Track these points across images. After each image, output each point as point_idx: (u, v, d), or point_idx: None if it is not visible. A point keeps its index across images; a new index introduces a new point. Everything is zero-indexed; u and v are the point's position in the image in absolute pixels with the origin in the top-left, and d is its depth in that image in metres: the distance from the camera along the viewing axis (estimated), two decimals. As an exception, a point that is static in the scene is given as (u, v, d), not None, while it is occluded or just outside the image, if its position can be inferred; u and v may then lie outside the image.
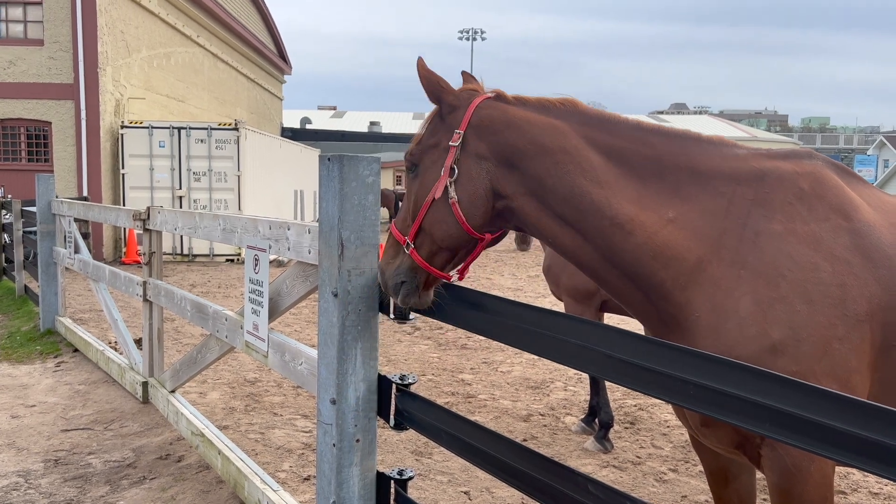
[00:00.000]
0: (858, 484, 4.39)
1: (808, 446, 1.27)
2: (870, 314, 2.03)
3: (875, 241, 2.10)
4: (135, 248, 14.96)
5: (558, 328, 1.92)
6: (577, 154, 2.19)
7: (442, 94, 2.32)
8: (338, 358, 2.50)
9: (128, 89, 16.86)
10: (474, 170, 2.24)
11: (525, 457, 2.01)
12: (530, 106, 2.30)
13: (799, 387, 1.30)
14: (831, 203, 2.12)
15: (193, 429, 4.42)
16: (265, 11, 29.86)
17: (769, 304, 2.01)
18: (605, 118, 2.27)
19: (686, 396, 1.49)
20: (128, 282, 5.66)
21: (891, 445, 1.15)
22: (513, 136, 2.24)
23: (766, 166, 2.18)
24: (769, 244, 2.06)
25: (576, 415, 5.62)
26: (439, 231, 2.25)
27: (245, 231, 3.48)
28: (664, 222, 2.13)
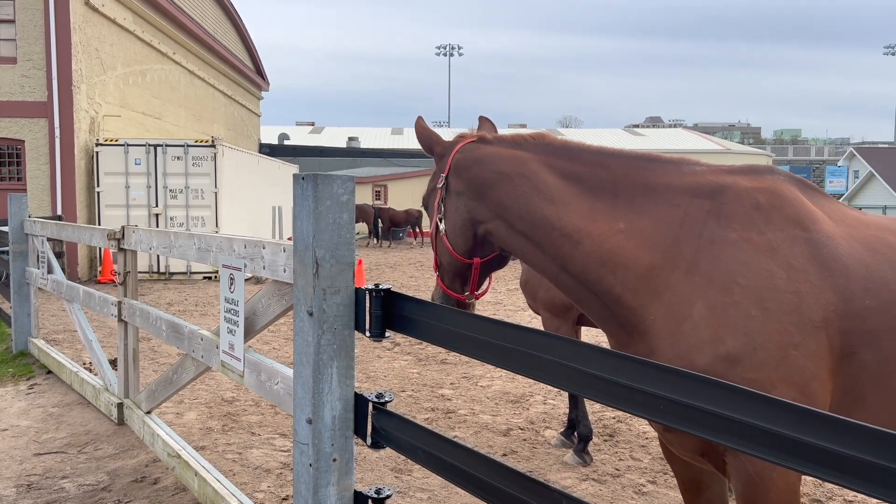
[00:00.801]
0: (833, 493, 4.44)
1: (771, 458, 1.29)
2: (826, 321, 2.07)
3: (832, 252, 2.15)
4: (110, 266, 14.79)
5: (533, 345, 1.93)
6: (533, 177, 2.46)
7: (433, 147, 2.76)
8: (313, 377, 2.49)
9: (103, 107, 16.73)
10: (455, 205, 2.62)
11: (501, 473, 2.02)
12: (504, 143, 2.62)
13: (764, 400, 1.32)
14: (788, 215, 2.19)
15: (170, 450, 4.36)
16: (242, 28, 29.85)
17: (722, 309, 2.07)
18: (568, 146, 2.53)
19: (656, 411, 1.51)
20: (102, 302, 5.60)
21: (850, 455, 1.18)
22: (479, 170, 2.57)
23: (724, 181, 2.27)
24: (724, 251, 2.14)
25: (555, 428, 5.63)
26: (443, 260, 2.71)
27: (220, 250, 3.47)
28: (613, 232, 2.30)
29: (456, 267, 2.68)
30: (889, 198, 44.71)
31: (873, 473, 1.15)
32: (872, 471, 1.15)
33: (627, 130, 61.49)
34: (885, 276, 2.14)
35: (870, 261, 2.16)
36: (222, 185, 16.09)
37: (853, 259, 2.15)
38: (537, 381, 7.06)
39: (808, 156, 66.94)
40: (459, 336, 2.21)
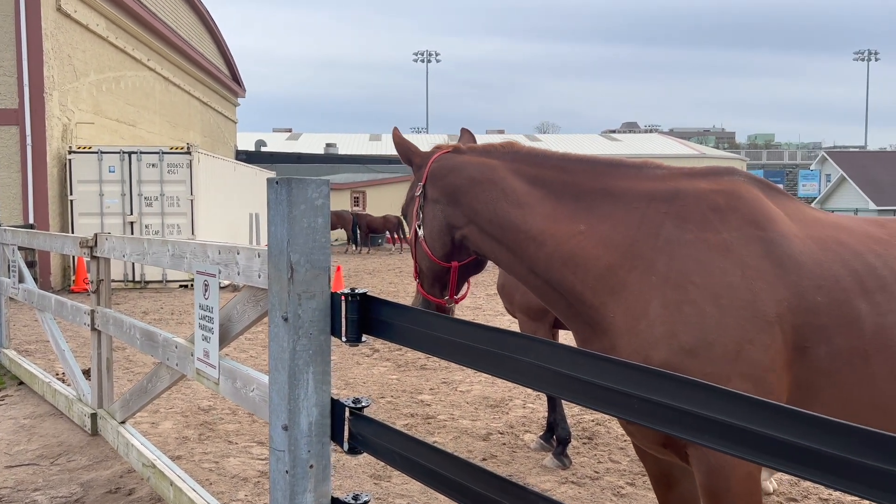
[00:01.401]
0: (809, 491, 4.49)
1: (731, 450, 1.31)
2: (780, 316, 2.14)
3: (787, 250, 2.22)
4: (84, 276, 14.58)
5: (509, 347, 1.93)
6: (501, 182, 2.59)
7: (411, 157, 2.89)
8: (289, 383, 2.47)
9: (76, 114, 16.51)
10: (432, 212, 2.75)
11: (478, 476, 2.01)
12: (476, 151, 2.76)
13: (732, 396, 1.33)
14: (745, 215, 2.26)
15: (144, 460, 4.30)
16: (217, 34, 29.66)
17: (676, 306, 2.15)
18: (534, 153, 2.67)
19: (632, 411, 1.52)
20: (75, 311, 5.51)
21: (808, 447, 1.20)
22: (453, 178, 2.70)
23: (683, 184, 2.37)
24: (679, 251, 2.22)
25: (535, 432, 5.63)
26: (423, 265, 2.82)
27: (194, 256, 3.43)
28: (574, 234, 2.41)
29: (435, 271, 2.79)
30: (860, 201, 45.51)
31: (823, 462, 1.19)
32: (822, 459, 1.19)
33: (604, 136, 61.99)
34: (837, 274, 2.22)
35: (823, 259, 2.23)
36: (198, 192, 15.94)
37: (807, 257, 2.22)
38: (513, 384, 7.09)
39: (781, 160, 67.94)
40: (436, 339, 2.21)
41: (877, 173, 48.07)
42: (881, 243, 2.33)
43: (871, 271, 2.23)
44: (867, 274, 2.23)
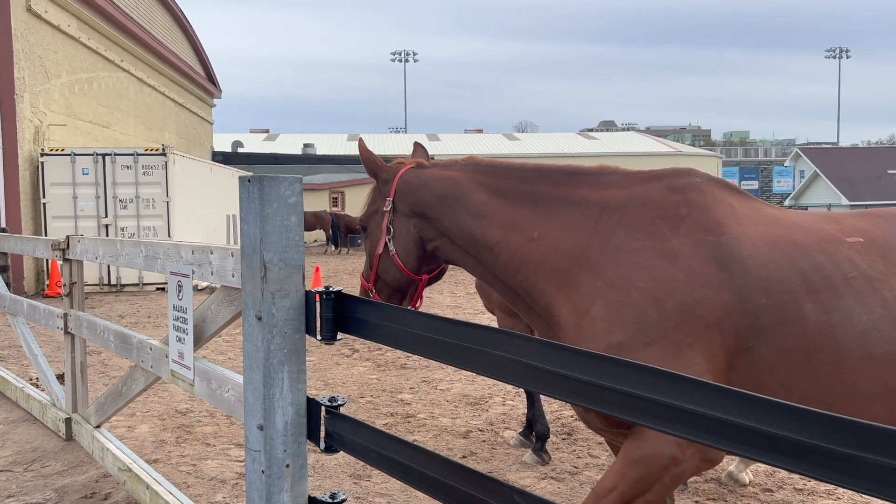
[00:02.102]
0: (784, 481, 4.55)
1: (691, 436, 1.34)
2: (720, 321, 2.23)
3: (735, 253, 2.31)
4: (58, 279, 14.37)
5: (485, 342, 1.93)
6: (463, 197, 2.73)
7: (378, 171, 2.97)
8: (264, 383, 2.45)
9: (48, 116, 16.27)
10: (404, 227, 2.85)
11: (455, 472, 2.01)
12: (439, 166, 2.88)
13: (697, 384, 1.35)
14: (696, 220, 2.36)
15: (120, 464, 4.25)
16: (192, 35, 29.38)
17: (618, 308, 2.28)
18: (495, 164, 2.81)
19: (604, 402, 1.53)
20: (48, 314, 5.43)
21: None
22: (422, 194, 2.82)
23: (636, 191, 2.48)
24: (627, 258, 2.35)
25: (514, 429, 5.65)
26: (389, 277, 2.90)
27: (167, 257, 3.40)
28: (527, 241, 2.57)
29: (402, 283, 2.90)
30: (833, 196, 46.22)
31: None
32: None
33: (581, 134, 62.31)
34: (783, 275, 2.30)
35: (770, 260, 2.32)
36: (174, 193, 15.78)
37: (754, 260, 2.31)
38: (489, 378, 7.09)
39: (756, 157, 68.78)
40: (412, 336, 2.21)
41: (849, 169, 48.85)
42: (832, 241, 2.41)
43: (819, 270, 2.32)
44: (815, 273, 2.31)
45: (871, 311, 2.27)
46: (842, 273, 2.32)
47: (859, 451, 1.12)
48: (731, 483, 4.50)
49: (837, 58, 74.30)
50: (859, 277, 2.31)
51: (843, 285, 2.30)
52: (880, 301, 2.29)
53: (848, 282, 2.30)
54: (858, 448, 1.12)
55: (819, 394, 2.24)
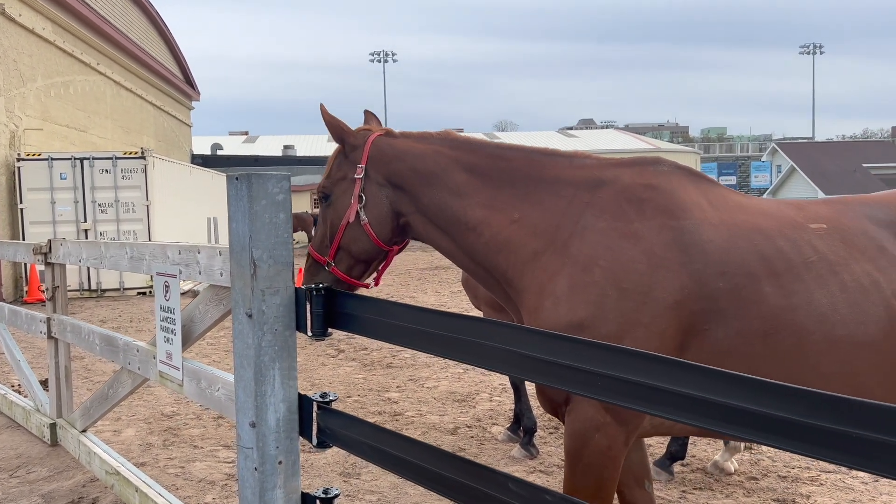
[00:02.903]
0: (768, 469, 4.63)
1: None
2: (678, 303, 2.30)
3: (695, 238, 2.37)
4: (37, 285, 14.19)
5: (476, 332, 1.95)
6: (443, 174, 2.67)
7: (344, 136, 2.79)
8: (255, 380, 2.46)
9: (23, 120, 16.05)
10: (377, 196, 2.72)
11: (448, 462, 2.03)
12: (413, 138, 2.79)
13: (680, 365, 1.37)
14: (660, 205, 2.43)
15: (108, 468, 4.22)
16: (169, 37, 29.12)
17: (582, 286, 2.34)
18: (471, 142, 2.76)
19: (594, 387, 1.55)
20: (30, 319, 5.38)
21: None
22: (398, 166, 2.71)
23: (607, 174, 2.54)
24: (592, 238, 2.41)
25: (502, 424, 5.68)
26: (356, 248, 2.73)
27: (154, 258, 3.38)
28: (508, 223, 2.57)
29: (370, 254, 2.76)
30: (810, 190, 46.83)
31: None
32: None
33: (561, 132, 62.59)
34: (743, 259, 2.37)
35: (730, 245, 2.38)
36: (154, 197, 15.64)
37: (714, 245, 2.38)
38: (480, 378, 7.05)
39: (733, 152, 69.47)
40: (402, 328, 2.22)
41: (824, 163, 49.52)
42: (795, 227, 2.49)
43: (780, 254, 2.39)
44: (776, 257, 2.38)
45: (831, 295, 2.35)
46: (803, 257, 2.39)
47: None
48: (716, 472, 4.56)
49: (811, 54, 75.25)
50: (820, 262, 2.39)
51: (804, 269, 2.37)
52: (840, 285, 2.37)
53: (808, 266, 2.38)
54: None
55: (780, 376, 2.28)
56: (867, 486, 4.31)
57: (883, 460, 0.99)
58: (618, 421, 2.27)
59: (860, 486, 4.33)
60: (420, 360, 8.11)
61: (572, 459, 2.34)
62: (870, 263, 2.43)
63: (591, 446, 2.29)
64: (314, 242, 2.83)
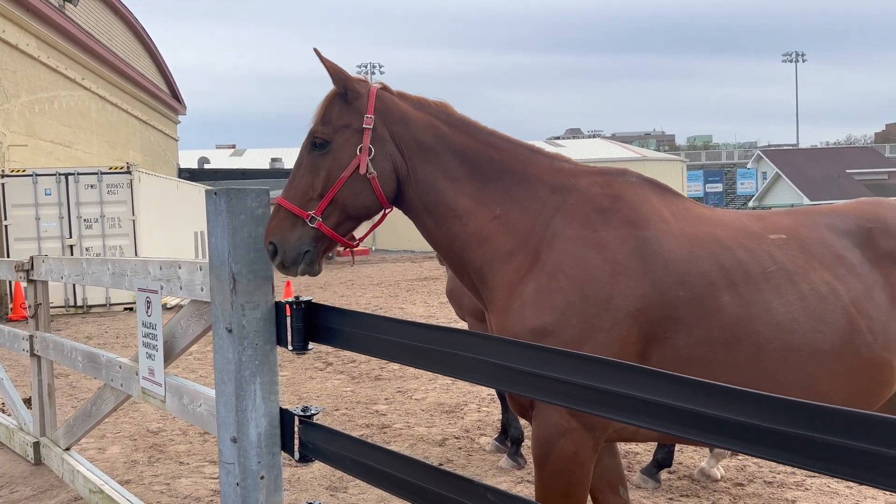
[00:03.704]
0: (754, 475, 4.64)
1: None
2: (639, 311, 2.35)
3: (657, 248, 2.43)
4: (21, 302, 14.06)
5: (454, 344, 1.96)
6: (440, 152, 2.59)
7: (348, 82, 2.57)
8: (236, 395, 2.45)
9: (7, 136, 15.96)
10: (383, 150, 2.56)
11: (428, 474, 2.03)
12: (410, 101, 2.65)
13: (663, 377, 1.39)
14: (625, 216, 2.49)
15: (91, 486, 4.18)
16: (154, 51, 29.08)
17: (548, 292, 2.38)
18: (466, 122, 2.68)
19: (569, 397, 1.56)
20: (12, 337, 5.33)
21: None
22: (401, 129, 2.57)
23: (580, 182, 2.58)
24: (560, 245, 2.44)
25: (490, 435, 5.68)
26: (355, 203, 2.54)
27: (135, 273, 3.37)
28: (491, 218, 2.55)
29: (370, 211, 2.58)
30: (795, 196, 47.22)
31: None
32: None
33: (548, 142, 62.83)
34: (702, 268, 2.42)
35: (690, 255, 2.44)
36: (140, 212, 15.57)
37: (674, 254, 2.43)
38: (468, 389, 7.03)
39: (719, 160, 69.95)
40: (384, 342, 2.22)
41: (808, 169, 49.97)
42: (754, 238, 2.55)
43: (739, 265, 2.44)
44: (734, 267, 2.44)
45: (788, 304, 2.41)
46: (761, 267, 2.45)
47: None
48: (703, 479, 4.57)
49: (794, 62, 76.05)
50: (778, 271, 2.45)
51: (762, 279, 2.43)
52: (798, 294, 2.43)
53: (767, 276, 2.44)
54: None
55: (741, 383, 2.32)
56: (851, 491, 4.33)
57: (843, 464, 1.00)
58: (584, 426, 2.30)
59: (845, 490, 4.35)
60: (408, 371, 8.10)
61: (540, 465, 2.36)
62: (828, 272, 2.49)
63: (557, 452, 2.31)
64: (290, 194, 2.53)
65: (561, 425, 2.29)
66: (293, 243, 2.46)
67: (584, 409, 1.47)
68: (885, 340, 2.50)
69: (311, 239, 2.49)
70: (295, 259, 2.48)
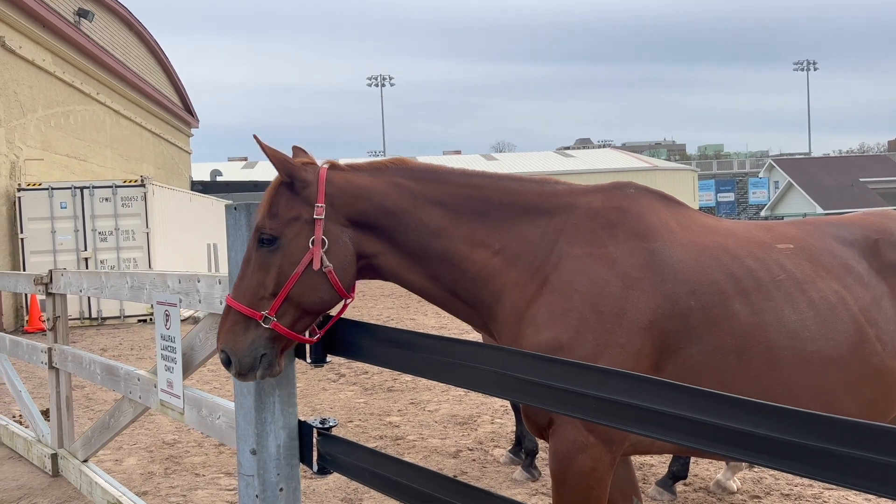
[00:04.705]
0: (771, 487, 4.62)
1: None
2: (653, 323, 2.35)
3: (666, 259, 2.43)
4: (38, 315, 14.19)
5: (471, 356, 1.98)
6: (415, 210, 2.51)
7: (294, 171, 2.43)
8: (255, 407, 2.48)
9: (24, 150, 16.17)
10: (340, 239, 2.44)
11: (444, 485, 2.05)
12: (366, 171, 2.56)
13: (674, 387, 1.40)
14: (631, 228, 2.48)
15: (109, 497, 4.22)
16: (168, 65, 29.40)
17: (562, 313, 2.36)
18: (433, 171, 2.61)
19: (588, 409, 1.58)
20: (31, 350, 5.39)
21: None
22: (364, 205, 2.48)
23: (578, 201, 2.57)
24: (568, 265, 2.43)
25: (504, 447, 5.68)
26: (312, 298, 2.38)
27: (154, 287, 3.42)
28: (491, 254, 2.52)
29: (325, 306, 2.44)
30: (808, 206, 46.93)
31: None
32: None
33: (558, 152, 62.90)
34: (713, 278, 2.43)
35: (699, 265, 2.45)
36: (154, 224, 15.70)
37: (684, 265, 2.44)
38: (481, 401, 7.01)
39: (731, 169, 69.71)
40: (403, 355, 2.25)
41: (822, 178, 49.68)
42: (763, 247, 2.56)
43: (749, 273, 2.46)
44: (745, 276, 2.45)
45: (799, 312, 2.43)
46: (771, 276, 2.46)
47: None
48: (719, 491, 4.55)
49: (805, 70, 75.88)
50: (788, 280, 2.47)
51: (773, 287, 2.44)
52: (808, 302, 2.45)
53: (777, 284, 2.45)
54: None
55: (753, 392, 2.34)
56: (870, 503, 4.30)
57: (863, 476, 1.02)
58: (602, 441, 2.30)
59: (864, 503, 4.32)
60: (421, 383, 8.10)
61: (558, 481, 2.36)
62: (836, 281, 2.51)
63: (575, 467, 2.30)
64: (240, 293, 2.35)
65: (579, 441, 2.29)
66: (247, 348, 2.32)
67: (607, 423, 1.48)
68: (894, 350, 2.52)
69: (267, 340, 2.33)
70: (251, 365, 2.33)
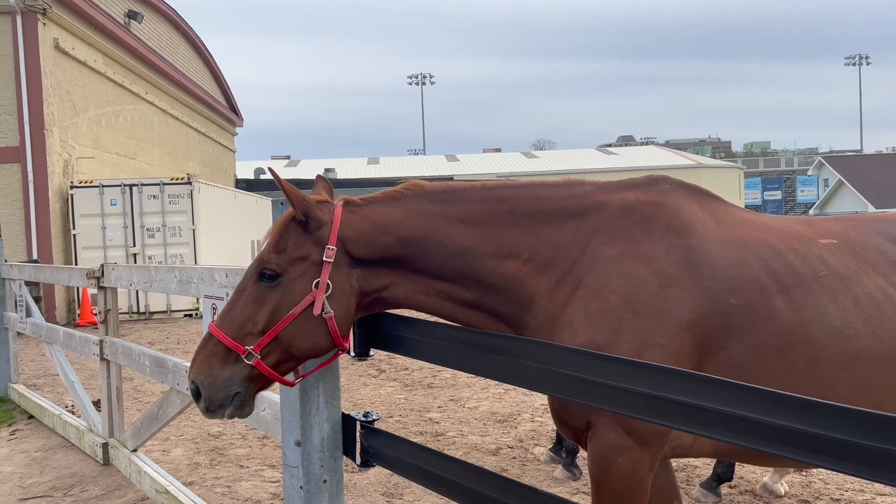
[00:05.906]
0: (820, 492, 4.50)
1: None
2: (693, 322, 2.27)
3: (704, 256, 2.35)
4: (89, 309, 14.62)
5: (516, 351, 1.98)
6: (436, 234, 2.41)
7: (310, 210, 2.33)
8: (300, 399, 2.52)
9: (76, 149, 16.66)
10: (347, 283, 2.33)
11: (491, 482, 2.05)
12: (382, 202, 2.46)
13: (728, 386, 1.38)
14: (667, 225, 2.40)
15: (158, 486, 4.32)
16: (213, 65, 29.95)
17: (599, 314, 2.28)
18: (452, 189, 2.52)
19: (635, 406, 1.56)
20: (83, 342, 5.55)
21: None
22: (384, 240, 2.38)
23: (610, 198, 2.49)
24: (602, 266, 2.35)
25: (544, 445, 5.65)
26: (305, 343, 2.27)
27: (202, 281, 3.49)
28: (521, 265, 2.42)
29: (318, 352, 2.34)
30: (859, 204, 45.58)
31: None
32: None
33: (600, 150, 62.22)
34: (753, 275, 2.34)
35: (740, 261, 2.36)
36: (200, 221, 16.04)
37: (724, 261, 2.35)
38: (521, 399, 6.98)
39: (778, 167, 68.11)
40: (447, 349, 2.25)
41: (874, 176, 48.19)
42: (804, 242, 2.46)
43: (790, 269, 2.36)
44: (786, 272, 2.36)
45: (843, 309, 2.33)
46: (813, 272, 2.37)
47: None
48: (766, 494, 4.46)
49: (857, 65, 73.72)
50: (831, 276, 2.37)
51: (815, 283, 2.35)
52: (852, 299, 2.34)
53: (819, 280, 2.35)
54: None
55: (795, 391, 2.26)
56: (925, 510, 4.16)
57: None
58: (640, 444, 2.24)
59: (917, 509, 4.18)
60: (461, 379, 8.11)
61: (598, 484, 2.31)
62: (882, 278, 2.41)
63: (615, 471, 2.25)
64: (226, 322, 2.26)
65: (618, 444, 2.24)
66: (221, 383, 2.22)
67: (655, 421, 1.46)
68: None
69: (244, 379, 2.23)
70: (222, 402, 2.24)
